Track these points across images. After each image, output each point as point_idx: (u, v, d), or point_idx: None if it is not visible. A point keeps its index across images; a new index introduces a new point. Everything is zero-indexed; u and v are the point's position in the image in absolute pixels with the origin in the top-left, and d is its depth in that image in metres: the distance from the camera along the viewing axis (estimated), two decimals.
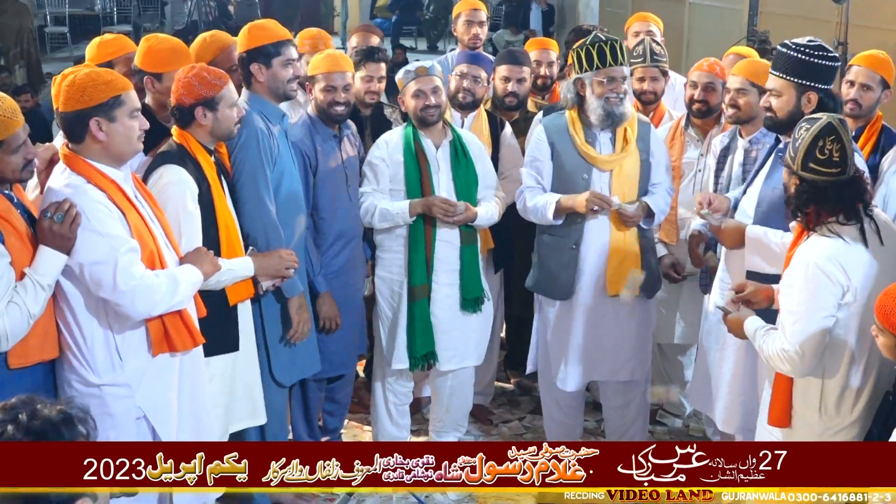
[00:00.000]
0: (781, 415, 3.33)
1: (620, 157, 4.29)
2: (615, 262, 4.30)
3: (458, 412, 4.83)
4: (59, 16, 17.21)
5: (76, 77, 3.13)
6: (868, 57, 4.41)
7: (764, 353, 3.26)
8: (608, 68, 4.18)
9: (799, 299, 3.13)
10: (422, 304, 4.45)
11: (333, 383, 4.62)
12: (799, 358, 3.13)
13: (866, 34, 7.08)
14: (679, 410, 5.32)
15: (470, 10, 5.70)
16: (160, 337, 3.23)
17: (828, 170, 3.13)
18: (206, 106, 3.55)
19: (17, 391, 3.05)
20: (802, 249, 3.17)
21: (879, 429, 3.05)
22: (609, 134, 4.30)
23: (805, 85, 3.69)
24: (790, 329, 3.13)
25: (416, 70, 4.39)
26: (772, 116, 3.78)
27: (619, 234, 4.29)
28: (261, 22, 4.07)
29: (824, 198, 3.14)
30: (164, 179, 3.46)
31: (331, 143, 4.34)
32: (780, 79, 3.73)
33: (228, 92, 3.60)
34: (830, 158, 3.13)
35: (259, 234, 3.78)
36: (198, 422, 3.45)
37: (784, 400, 3.31)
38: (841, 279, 3.10)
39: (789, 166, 3.22)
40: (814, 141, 3.13)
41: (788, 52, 3.71)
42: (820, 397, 3.24)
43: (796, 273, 3.16)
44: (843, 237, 3.12)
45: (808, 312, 3.11)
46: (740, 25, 9.57)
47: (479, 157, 4.54)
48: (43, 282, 3.02)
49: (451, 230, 4.45)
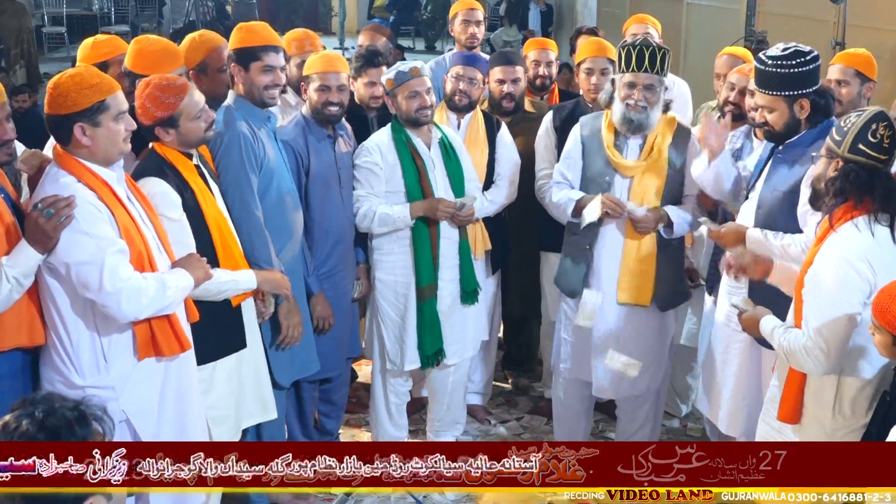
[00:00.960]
0: (792, 411, 3.30)
1: (643, 165, 4.23)
2: (626, 269, 4.26)
3: (458, 409, 4.86)
4: (56, 16, 17.20)
5: (61, 81, 3.11)
6: (843, 55, 4.48)
7: (784, 350, 3.21)
8: (632, 73, 4.11)
9: (826, 295, 3.08)
10: (430, 302, 4.48)
11: (326, 385, 4.61)
12: (824, 355, 3.09)
13: (864, 34, 7.07)
14: (676, 411, 5.31)
15: (467, 10, 5.70)
16: (146, 341, 3.20)
17: (877, 154, 3.08)
18: (166, 125, 3.49)
19: None
20: (830, 244, 3.12)
21: (877, 428, 3.04)
22: (639, 140, 4.24)
23: (793, 95, 3.69)
24: (816, 325, 3.09)
25: (410, 71, 4.35)
26: (770, 130, 3.78)
27: (633, 240, 4.24)
28: (250, 24, 4.00)
29: (868, 185, 3.07)
30: (144, 191, 3.42)
31: (324, 143, 4.33)
32: (768, 96, 3.72)
33: (188, 105, 3.49)
34: (881, 143, 3.08)
35: (244, 238, 3.76)
36: (181, 428, 3.39)
37: (796, 397, 3.28)
38: (869, 276, 3.05)
39: (833, 151, 3.14)
40: (867, 124, 3.08)
41: (767, 69, 3.68)
42: (835, 397, 3.21)
43: (824, 268, 3.10)
44: (873, 234, 3.08)
45: (835, 308, 3.07)
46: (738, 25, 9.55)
47: (461, 152, 4.59)
48: (10, 273, 2.98)
49: (452, 227, 4.48)
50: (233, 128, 3.78)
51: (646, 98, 4.12)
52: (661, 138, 4.24)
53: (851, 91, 4.29)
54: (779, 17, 9.10)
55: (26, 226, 3.03)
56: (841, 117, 3.26)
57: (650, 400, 4.55)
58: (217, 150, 3.77)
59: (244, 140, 3.80)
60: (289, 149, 4.16)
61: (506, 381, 5.72)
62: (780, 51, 3.70)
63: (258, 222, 3.81)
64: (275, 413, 3.92)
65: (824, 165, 3.19)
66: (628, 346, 4.34)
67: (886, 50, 7.08)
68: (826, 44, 6.54)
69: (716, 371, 4.07)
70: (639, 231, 4.22)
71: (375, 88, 4.73)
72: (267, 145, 3.92)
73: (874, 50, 4.64)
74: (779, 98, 3.69)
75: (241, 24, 3.98)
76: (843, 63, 4.36)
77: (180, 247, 3.43)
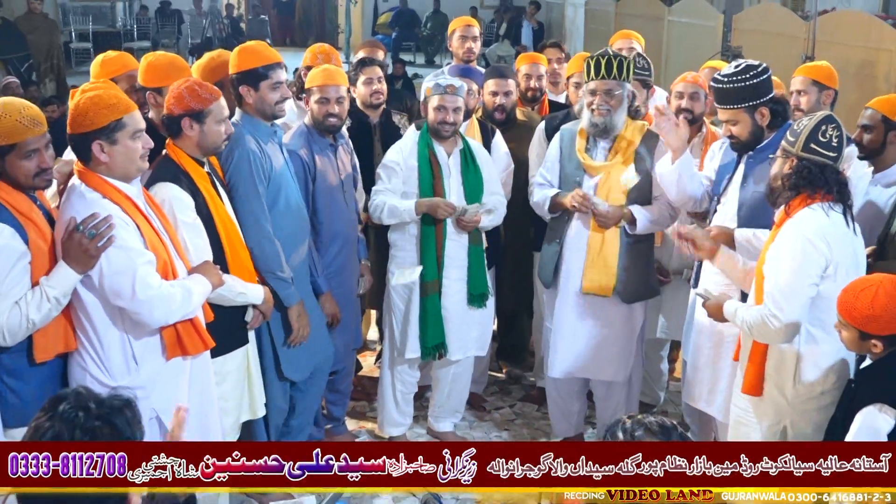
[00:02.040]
0: (755, 384, 3.36)
1: (608, 166, 4.28)
2: (590, 260, 4.31)
3: (458, 399, 4.87)
4: (83, 32, 17.21)
5: (80, 101, 3.08)
6: (803, 67, 4.62)
7: (748, 325, 3.28)
8: (592, 81, 4.21)
9: (787, 267, 3.18)
10: (433, 298, 4.50)
11: (333, 376, 4.61)
12: (782, 325, 3.18)
13: (831, 49, 7.09)
14: (655, 399, 5.31)
15: (464, 27, 5.72)
16: (173, 342, 3.19)
17: (827, 153, 3.21)
18: (194, 118, 3.48)
19: (36, 383, 3.06)
20: (791, 224, 3.22)
21: (843, 413, 3.07)
22: (608, 143, 4.30)
23: (752, 105, 3.76)
24: (777, 295, 3.18)
25: (446, 87, 4.40)
26: (736, 141, 3.84)
27: (597, 235, 4.28)
28: (251, 46, 3.96)
29: (819, 180, 3.20)
30: (158, 197, 3.40)
31: (327, 151, 4.34)
32: (730, 110, 3.79)
33: (217, 108, 3.51)
34: (831, 143, 3.22)
35: (255, 247, 3.76)
36: (204, 420, 3.41)
37: (758, 370, 3.34)
38: (826, 252, 3.17)
39: (788, 151, 3.26)
40: (817, 126, 3.22)
41: (725, 87, 3.76)
42: (795, 366, 3.28)
43: (785, 244, 3.20)
44: (828, 215, 3.19)
45: (795, 280, 3.17)
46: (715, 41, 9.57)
47: (485, 165, 4.59)
48: (50, 293, 2.95)
49: (459, 231, 4.50)
50: (242, 144, 3.78)
51: (607, 102, 4.19)
52: (629, 142, 4.28)
53: (811, 99, 4.41)
54: (753, 33, 9.11)
55: (66, 246, 2.99)
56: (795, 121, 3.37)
57: (621, 389, 4.56)
58: (228, 165, 3.76)
59: (253, 156, 3.79)
60: (295, 158, 4.17)
61: (499, 371, 5.73)
62: (733, 68, 3.80)
63: (268, 233, 3.81)
64: (263, 411, 3.91)
65: (780, 164, 3.30)
66: (593, 334, 4.40)
67: (852, 64, 7.10)
68: (797, 58, 6.56)
69: (707, 364, 4.02)
70: (600, 225, 4.26)
71: (373, 84, 4.79)
72: (273, 158, 3.90)
73: (841, 64, 4.68)
74: (740, 110, 3.77)
75: (242, 47, 3.93)
76: (803, 75, 4.52)
77: (196, 250, 3.43)
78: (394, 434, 4.80)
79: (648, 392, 5.28)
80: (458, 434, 4.93)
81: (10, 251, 2.94)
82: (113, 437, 1.94)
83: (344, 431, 4.86)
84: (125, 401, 1.98)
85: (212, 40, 16.81)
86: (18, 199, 3.01)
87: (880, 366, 3.00)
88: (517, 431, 5.07)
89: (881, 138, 3.94)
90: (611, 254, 4.28)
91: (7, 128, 2.95)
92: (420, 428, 5.00)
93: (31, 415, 2.96)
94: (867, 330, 2.95)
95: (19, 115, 2.97)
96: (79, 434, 1.90)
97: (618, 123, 4.25)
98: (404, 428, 4.83)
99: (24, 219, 2.99)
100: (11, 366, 3.05)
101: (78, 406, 1.92)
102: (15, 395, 3.05)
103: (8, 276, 2.93)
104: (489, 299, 4.68)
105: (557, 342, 4.46)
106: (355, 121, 4.80)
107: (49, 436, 1.92)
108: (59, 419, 1.91)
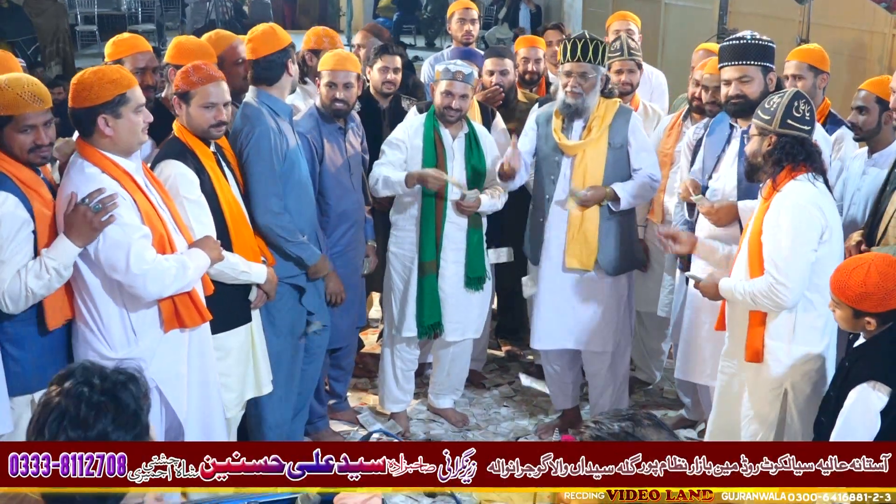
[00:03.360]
0: (757, 351, 3.39)
1: (582, 145, 4.28)
2: (571, 237, 4.31)
3: (457, 378, 4.88)
4: (88, 15, 17.08)
5: (84, 76, 3.10)
6: (796, 51, 4.47)
7: (751, 298, 3.31)
8: (567, 63, 4.22)
9: (786, 236, 3.23)
10: (430, 278, 4.49)
11: (336, 353, 4.61)
12: (789, 290, 3.23)
13: (826, 31, 7.04)
14: (651, 377, 5.31)
15: (463, 10, 5.73)
16: (171, 314, 3.20)
17: (803, 126, 3.31)
18: (181, 98, 3.51)
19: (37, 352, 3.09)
20: (782, 196, 3.27)
21: (837, 391, 3.06)
22: (582, 123, 4.30)
23: (767, 67, 3.77)
24: (781, 264, 3.23)
25: (454, 73, 4.38)
26: (742, 101, 3.76)
27: (577, 212, 4.28)
28: (269, 29, 3.91)
29: (799, 151, 3.28)
30: (164, 174, 3.41)
31: (336, 134, 4.32)
32: (748, 66, 3.75)
33: (203, 93, 3.49)
34: (804, 117, 3.31)
35: (270, 221, 3.77)
36: (206, 392, 3.43)
37: (759, 338, 3.38)
38: (820, 218, 3.25)
39: (765, 129, 3.33)
40: (790, 102, 3.30)
41: (748, 42, 3.76)
42: (793, 327, 3.33)
43: (781, 215, 3.25)
44: (815, 185, 3.29)
45: (796, 247, 3.23)
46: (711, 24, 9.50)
47: (489, 151, 4.57)
48: (50, 265, 2.97)
49: (459, 214, 4.48)
50: (263, 122, 3.78)
51: (580, 84, 4.20)
52: (601, 120, 4.28)
53: (807, 84, 4.28)
54: (748, 16, 9.05)
55: (69, 219, 3.00)
56: (763, 100, 3.42)
57: (609, 360, 4.54)
58: (249, 140, 3.75)
59: (273, 135, 3.79)
60: (304, 139, 4.15)
61: (499, 349, 5.72)
62: (748, 33, 3.81)
63: (280, 208, 3.81)
64: (270, 388, 3.90)
65: (758, 142, 3.37)
66: (577, 306, 4.39)
67: (846, 46, 7.06)
68: (791, 40, 6.50)
69: (705, 341, 4.01)
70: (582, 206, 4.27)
71: (388, 74, 4.76)
72: (288, 136, 3.90)
73: (835, 46, 4.63)
74: (758, 68, 3.76)
75: (256, 34, 3.89)
76: (797, 59, 4.37)
77: (200, 226, 3.43)
78: (395, 410, 4.79)
79: (645, 369, 5.28)
80: (457, 411, 4.92)
81: (14, 219, 2.97)
82: (118, 412, 1.92)
83: (346, 408, 4.86)
84: (129, 375, 1.98)
85: (215, 23, 16.66)
86: (23, 171, 3.05)
87: (874, 343, 3.01)
88: (516, 407, 5.06)
89: (876, 119, 3.94)
90: (591, 229, 4.29)
91: (7, 99, 3.00)
92: (421, 404, 5.00)
93: (32, 383, 3.05)
94: (860, 307, 2.98)
95: (21, 90, 3.01)
96: (84, 410, 1.90)
97: (590, 105, 4.26)
98: (405, 404, 4.83)
99: (28, 189, 3.02)
100: (14, 334, 3.08)
101: (84, 381, 1.92)
102: (16, 363, 3.08)
103: (11, 243, 2.97)
104: (486, 282, 4.66)
105: (540, 314, 4.47)
106: (366, 105, 4.77)
107: (56, 413, 1.90)
108: (66, 395, 1.91)
